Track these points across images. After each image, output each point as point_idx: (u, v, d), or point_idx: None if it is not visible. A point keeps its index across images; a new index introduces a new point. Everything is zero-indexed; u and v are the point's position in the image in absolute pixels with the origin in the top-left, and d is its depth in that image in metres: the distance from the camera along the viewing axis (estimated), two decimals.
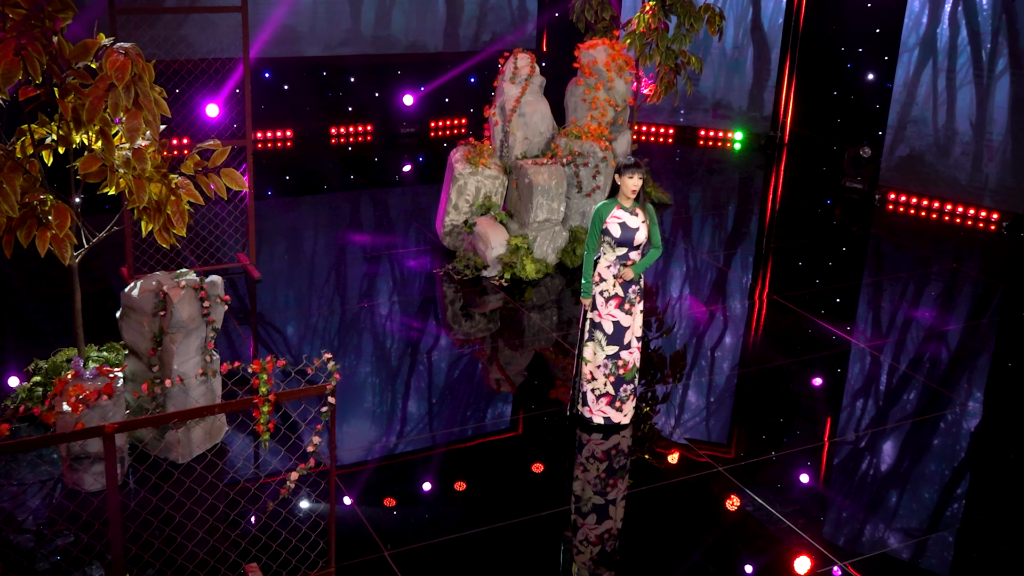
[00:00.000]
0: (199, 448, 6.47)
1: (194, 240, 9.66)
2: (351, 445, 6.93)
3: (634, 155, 12.43)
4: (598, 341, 6.87)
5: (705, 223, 11.79)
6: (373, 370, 8.01)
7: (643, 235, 6.71)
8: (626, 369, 6.96)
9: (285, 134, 13.98)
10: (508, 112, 9.93)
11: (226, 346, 8.09)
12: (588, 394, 7.04)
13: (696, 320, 9.13)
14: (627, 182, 6.61)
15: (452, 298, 9.39)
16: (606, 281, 6.79)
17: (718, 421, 7.57)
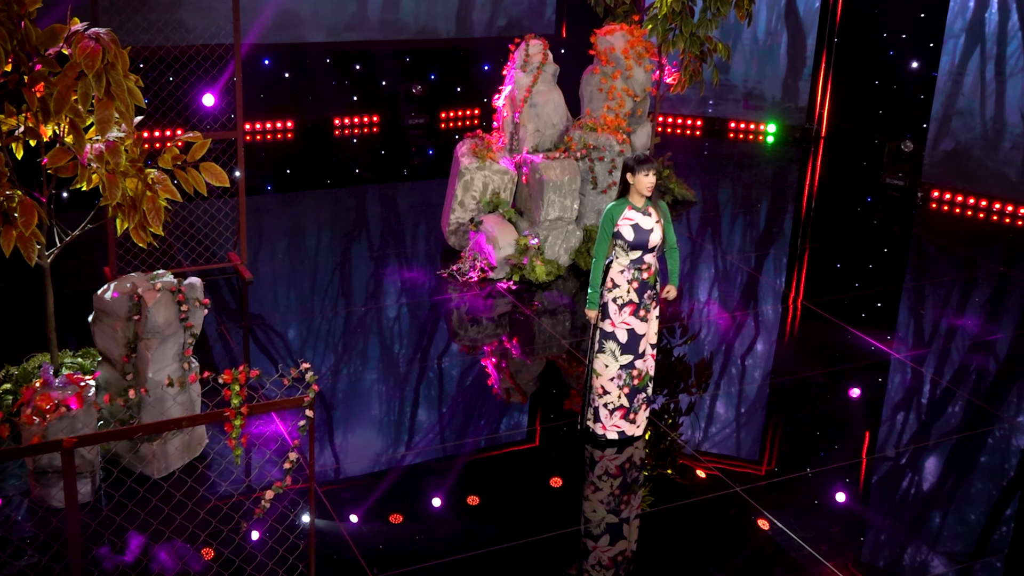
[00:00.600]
0: (177, 462, 6.39)
1: (182, 238, 9.61)
2: (347, 459, 6.85)
3: (658, 148, 12.33)
4: (611, 352, 6.76)
5: (735, 222, 11.71)
6: (372, 378, 7.95)
7: (658, 236, 6.59)
8: (640, 378, 6.86)
9: (285, 125, 13.95)
10: (518, 103, 9.83)
11: (223, 352, 8.04)
12: (600, 409, 6.93)
13: (723, 326, 9.03)
14: (642, 180, 6.48)
15: (458, 301, 9.30)
16: (620, 287, 6.67)
17: (748, 434, 7.46)
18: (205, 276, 9.30)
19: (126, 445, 6.26)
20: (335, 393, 7.69)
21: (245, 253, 9.37)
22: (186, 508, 5.72)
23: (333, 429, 7.24)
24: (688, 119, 14.94)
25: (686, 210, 11.74)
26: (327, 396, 7.60)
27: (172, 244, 9.59)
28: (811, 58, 14.47)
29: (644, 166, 6.45)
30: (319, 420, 7.30)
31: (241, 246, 9.36)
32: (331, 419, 7.34)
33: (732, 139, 14.76)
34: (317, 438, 7.10)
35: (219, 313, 8.73)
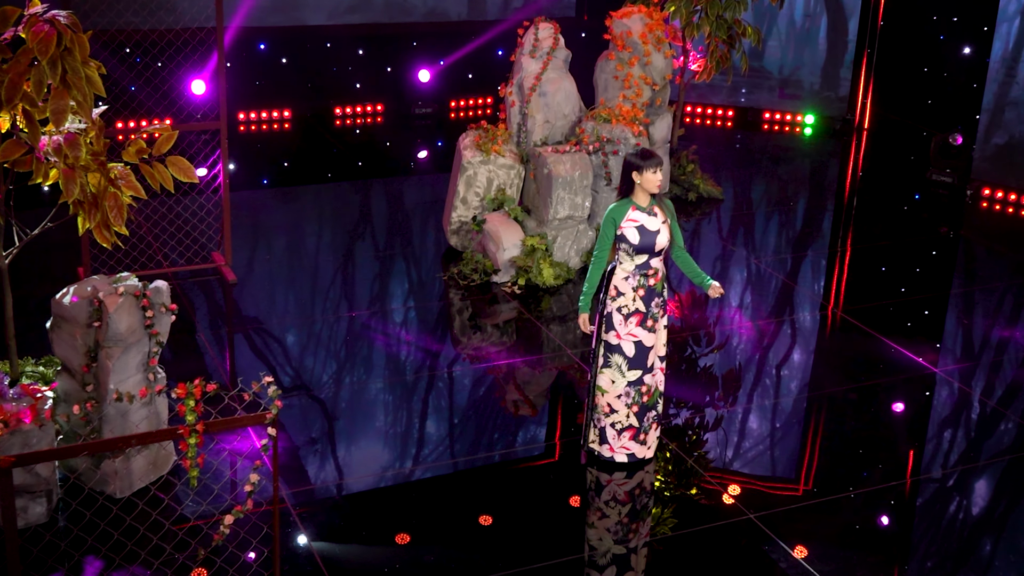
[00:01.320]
0: (141, 481, 6.34)
1: (160, 236, 9.58)
2: (343, 474, 6.80)
3: (682, 140, 12.22)
4: (617, 367, 6.65)
5: (769, 221, 11.64)
6: (366, 389, 7.90)
7: (665, 237, 6.48)
8: (649, 395, 6.75)
9: (282, 114, 13.93)
10: (527, 91, 9.76)
11: (217, 358, 8.01)
12: (607, 430, 6.82)
13: (753, 335, 8.95)
14: (649, 178, 6.38)
15: (459, 307, 9.25)
16: (624, 295, 6.56)
17: (780, 452, 7.43)
18: (187, 278, 9.27)
19: (85, 462, 6.22)
20: (327, 404, 7.64)
21: (229, 253, 9.34)
22: (150, 530, 5.66)
23: (328, 442, 7.19)
24: (718, 109, 14.84)
25: (713, 208, 11.63)
26: (320, 407, 7.55)
27: (152, 243, 9.56)
28: (853, 43, 14.35)
29: (651, 162, 6.35)
30: (319, 433, 7.26)
31: (225, 246, 9.33)
32: (330, 431, 7.31)
33: (766, 131, 14.66)
34: (315, 451, 7.05)
35: (202, 318, 8.68)
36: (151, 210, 10.14)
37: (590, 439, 6.94)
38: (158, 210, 10.10)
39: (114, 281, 6.21)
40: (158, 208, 10.08)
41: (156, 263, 9.30)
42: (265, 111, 13.85)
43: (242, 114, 13.74)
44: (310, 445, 7.14)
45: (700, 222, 11.32)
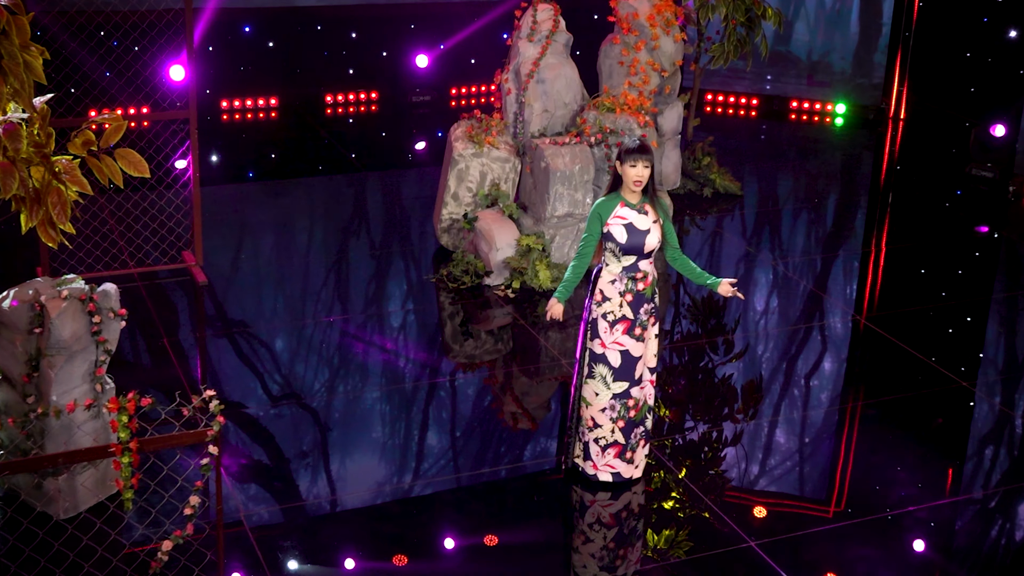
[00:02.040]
0: (87, 501, 6.32)
1: (126, 235, 9.57)
2: (299, 496, 6.76)
3: (698, 131, 12.14)
4: (601, 378, 6.60)
5: (798, 219, 11.62)
6: (349, 399, 7.88)
7: (655, 238, 6.42)
8: (637, 409, 6.69)
9: (269, 102, 13.96)
10: (523, 78, 9.71)
11: (179, 367, 8.02)
12: (591, 445, 6.77)
13: (777, 343, 8.94)
14: (628, 172, 6.32)
15: (450, 312, 9.24)
16: (610, 300, 6.51)
17: (811, 469, 7.39)
18: (154, 279, 9.28)
19: (26, 480, 6.20)
20: (306, 415, 7.62)
21: (200, 253, 9.32)
22: (94, 555, 5.64)
23: (306, 456, 7.18)
24: (741, 97, 14.79)
25: (731, 206, 11.57)
26: (290, 421, 7.55)
27: (117, 241, 9.56)
28: (888, 26, 14.27)
29: (631, 156, 6.29)
30: (309, 446, 7.27)
31: (195, 245, 9.31)
32: (323, 442, 7.31)
33: (794, 121, 14.65)
34: (308, 465, 7.07)
35: (166, 323, 8.69)
36: (115, 205, 10.14)
37: (575, 453, 6.88)
38: (122, 206, 10.09)
39: (58, 284, 6.19)
40: (122, 204, 10.07)
41: (121, 263, 9.28)
42: (250, 99, 13.87)
43: (225, 102, 13.77)
44: (319, 453, 7.11)
45: (719, 220, 11.28)
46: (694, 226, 11.08)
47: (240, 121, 13.73)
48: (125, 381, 7.53)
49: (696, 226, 11.10)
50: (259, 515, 6.52)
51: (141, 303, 8.92)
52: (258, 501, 6.67)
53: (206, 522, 5.92)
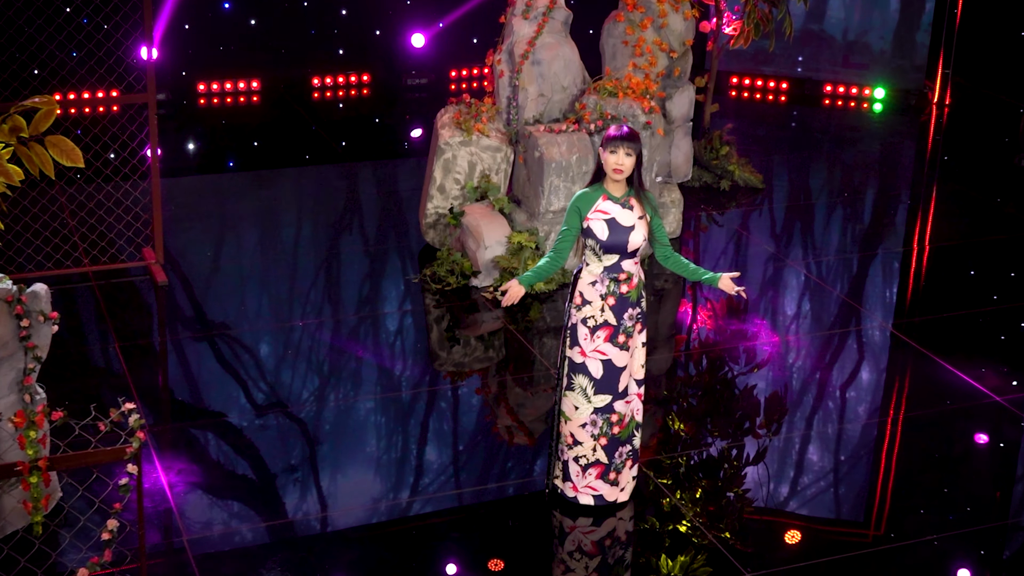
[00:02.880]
0: (18, 521, 6.29)
1: (79, 230, 9.57)
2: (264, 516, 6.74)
3: (715, 118, 12.05)
4: (581, 390, 6.54)
5: (832, 215, 11.56)
6: (320, 411, 7.86)
7: (640, 236, 6.35)
8: (622, 426, 6.63)
9: (250, 85, 13.96)
10: (517, 59, 9.66)
11: (123, 376, 8.03)
12: (570, 464, 6.71)
13: (809, 350, 8.90)
14: (607, 158, 6.26)
15: (435, 316, 9.22)
16: (591, 304, 6.45)
17: (846, 489, 7.39)
18: (109, 278, 9.29)
19: None
20: (272, 429, 7.62)
21: (161, 250, 9.32)
22: None
23: (282, 474, 7.19)
24: (769, 81, 14.73)
25: (751, 200, 11.52)
26: (263, 432, 7.57)
27: (70, 237, 9.56)
28: (932, 1, 14.19)
29: (612, 143, 6.23)
30: (297, 460, 7.29)
31: (156, 241, 9.31)
32: (314, 457, 7.35)
33: (828, 107, 14.56)
34: (299, 480, 7.10)
35: (120, 327, 8.69)
36: (67, 197, 10.16)
37: (554, 474, 6.82)
38: (75, 198, 10.09)
39: None
40: (75, 195, 10.07)
41: (75, 260, 9.28)
42: (229, 81, 13.86)
43: (202, 85, 13.77)
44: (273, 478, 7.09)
45: (743, 216, 11.23)
46: (712, 223, 11.00)
47: (219, 106, 13.73)
48: (66, 391, 7.57)
49: (714, 222, 11.03)
50: (209, 538, 6.50)
51: (94, 304, 8.92)
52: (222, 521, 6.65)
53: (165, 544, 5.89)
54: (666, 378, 8.54)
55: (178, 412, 7.84)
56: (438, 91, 14.28)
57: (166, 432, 7.46)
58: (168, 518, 6.59)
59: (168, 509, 6.66)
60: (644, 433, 7.82)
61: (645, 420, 7.95)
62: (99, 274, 9.31)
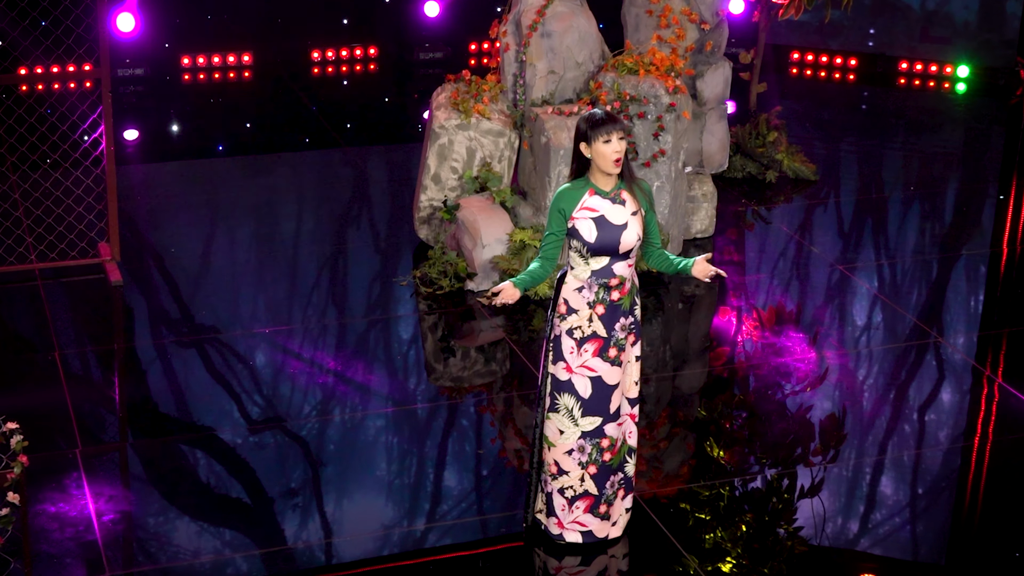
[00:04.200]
0: None
1: (22, 223, 9.64)
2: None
3: (762, 99, 11.94)
4: (567, 411, 6.48)
5: (908, 211, 11.54)
6: (297, 432, 7.87)
7: (633, 235, 6.29)
8: (614, 452, 6.57)
9: (240, 59, 14.06)
10: (525, 30, 9.62)
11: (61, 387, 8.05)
12: (555, 497, 6.65)
13: (882, 366, 8.87)
14: (602, 150, 6.20)
15: (428, 324, 9.23)
16: (577, 313, 6.39)
17: (928, 526, 7.35)
18: (55, 276, 9.38)
19: None
20: (241, 449, 7.66)
21: (116, 245, 9.38)
22: None
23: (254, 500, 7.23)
24: (836, 57, 14.73)
25: (801, 193, 11.48)
26: (224, 453, 7.59)
27: (13, 231, 9.65)
28: None
29: (602, 129, 6.16)
30: (295, 480, 7.32)
31: (111, 235, 9.35)
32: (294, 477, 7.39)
33: (904, 86, 14.58)
34: (300, 505, 7.14)
35: (62, 332, 8.77)
36: (12, 186, 10.24)
37: (536, 508, 6.78)
38: (31, 186, 10.17)
39: None
40: (39, 184, 10.14)
41: (19, 257, 9.37)
42: (217, 55, 13.95)
43: (187, 59, 13.89)
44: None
45: (784, 209, 11.19)
46: (757, 219, 10.93)
47: (205, 82, 13.84)
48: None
49: (760, 218, 10.95)
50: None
51: (37, 307, 8.96)
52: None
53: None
54: (702, 397, 8.53)
55: (115, 430, 7.90)
56: (454, 66, 14.25)
57: (101, 453, 7.48)
58: (93, 550, 6.61)
59: (93, 540, 6.67)
60: (674, 459, 7.85)
61: (676, 444, 8.03)
62: (46, 272, 9.36)
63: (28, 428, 7.59)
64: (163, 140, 12.80)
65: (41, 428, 7.67)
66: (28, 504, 6.60)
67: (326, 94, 13.72)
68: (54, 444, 7.47)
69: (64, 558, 6.45)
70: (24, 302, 9.10)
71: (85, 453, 7.38)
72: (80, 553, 6.57)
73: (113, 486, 7.18)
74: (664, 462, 7.75)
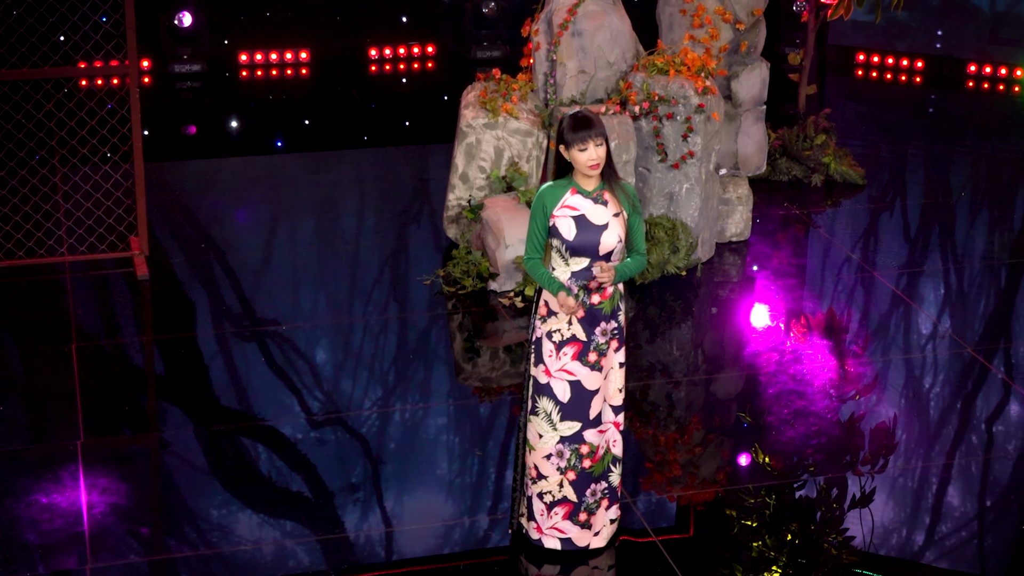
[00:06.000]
0: None
1: (53, 216, 9.78)
2: None
3: (812, 101, 11.77)
4: (545, 415, 6.44)
5: (977, 216, 11.44)
6: (318, 430, 7.87)
7: (614, 236, 6.23)
8: (595, 459, 6.51)
9: (298, 56, 14.15)
10: (556, 29, 9.56)
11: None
12: (534, 501, 6.62)
13: (948, 374, 8.78)
14: (579, 158, 6.15)
15: (460, 323, 9.25)
16: (557, 316, 6.35)
17: (997, 539, 7.24)
18: (85, 270, 9.51)
19: None
20: (248, 452, 7.69)
21: (145, 240, 9.47)
22: None
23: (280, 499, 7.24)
24: (903, 59, 14.63)
25: (847, 197, 11.36)
26: (227, 454, 7.64)
27: (62, 223, 9.80)
28: None
29: (578, 137, 6.11)
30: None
31: (140, 229, 9.46)
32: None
33: (972, 89, 14.47)
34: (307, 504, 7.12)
35: (91, 324, 8.84)
36: (59, 180, 10.38)
37: (519, 511, 6.76)
38: (68, 180, 10.32)
39: None
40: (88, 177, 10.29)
41: (49, 250, 9.52)
42: (275, 52, 14.06)
43: (244, 55, 14.02)
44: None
45: (833, 214, 11.09)
46: (800, 222, 10.78)
47: (262, 78, 13.96)
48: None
49: (811, 222, 10.78)
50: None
51: (59, 299, 9.09)
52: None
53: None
54: (743, 403, 8.47)
55: (114, 425, 7.95)
56: (512, 64, 14.26)
57: (101, 447, 7.56)
58: (79, 542, 6.68)
59: (81, 532, 6.76)
60: (709, 465, 7.74)
61: (711, 451, 7.91)
62: (76, 265, 9.49)
63: (35, 418, 7.88)
64: (221, 136, 12.96)
65: (47, 417, 7.88)
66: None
67: (383, 91, 13.78)
68: (58, 435, 7.66)
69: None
70: (49, 294, 9.23)
71: (85, 445, 7.50)
72: (68, 543, 6.68)
73: (106, 478, 7.25)
74: (701, 467, 7.80)
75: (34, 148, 9.79)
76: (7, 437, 7.61)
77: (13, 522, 6.79)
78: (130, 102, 9.21)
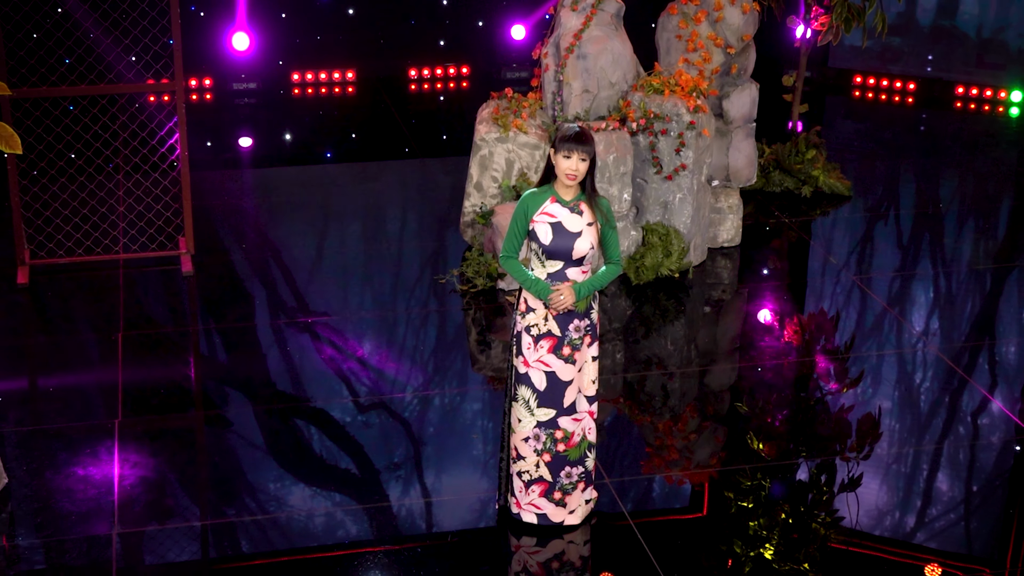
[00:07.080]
0: None
1: (111, 217, 9.86)
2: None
3: (805, 119, 11.66)
4: (524, 401, 6.46)
5: (963, 226, 11.29)
6: (340, 418, 7.87)
7: (587, 243, 6.22)
8: (570, 444, 6.49)
9: (345, 76, 14.18)
10: (563, 52, 9.53)
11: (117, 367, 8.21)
12: (514, 479, 6.65)
13: (936, 370, 8.70)
14: (560, 163, 6.16)
15: (474, 319, 9.22)
16: (535, 311, 6.34)
17: (982, 523, 7.17)
18: (142, 266, 9.61)
19: None
20: (283, 434, 7.71)
21: (191, 239, 9.54)
22: None
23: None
24: (896, 81, 14.40)
25: (835, 208, 11.22)
26: (248, 437, 7.64)
27: (118, 223, 9.88)
28: None
29: (566, 144, 6.11)
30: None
31: (187, 230, 9.52)
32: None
33: (960, 110, 14.29)
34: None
35: (133, 315, 8.91)
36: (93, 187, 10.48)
37: (504, 488, 6.78)
38: (141, 185, 10.41)
39: None
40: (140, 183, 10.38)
41: (105, 248, 9.59)
42: (324, 72, 14.10)
43: (296, 74, 14.06)
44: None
45: (823, 222, 10.98)
46: (787, 230, 10.69)
47: (313, 96, 13.99)
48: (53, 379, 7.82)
49: (789, 229, 10.70)
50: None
51: (112, 292, 9.17)
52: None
53: None
54: (737, 393, 8.42)
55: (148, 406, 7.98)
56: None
57: (137, 424, 7.63)
58: (109, 511, 6.74)
59: (111, 501, 6.82)
60: (705, 450, 7.69)
61: (707, 436, 7.89)
62: (129, 262, 9.58)
63: (79, 400, 7.92)
64: (276, 147, 13.02)
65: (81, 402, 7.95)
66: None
67: (421, 108, 13.79)
68: (97, 415, 7.72)
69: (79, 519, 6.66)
70: (99, 288, 9.30)
71: (124, 424, 7.58)
72: (99, 513, 6.75)
73: (139, 454, 7.32)
74: (694, 451, 7.76)
75: (91, 157, 9.86)
76: (53, 415, 7.70)
77: (52, 492, 6.90)
78: (177, 115, 9.29)
